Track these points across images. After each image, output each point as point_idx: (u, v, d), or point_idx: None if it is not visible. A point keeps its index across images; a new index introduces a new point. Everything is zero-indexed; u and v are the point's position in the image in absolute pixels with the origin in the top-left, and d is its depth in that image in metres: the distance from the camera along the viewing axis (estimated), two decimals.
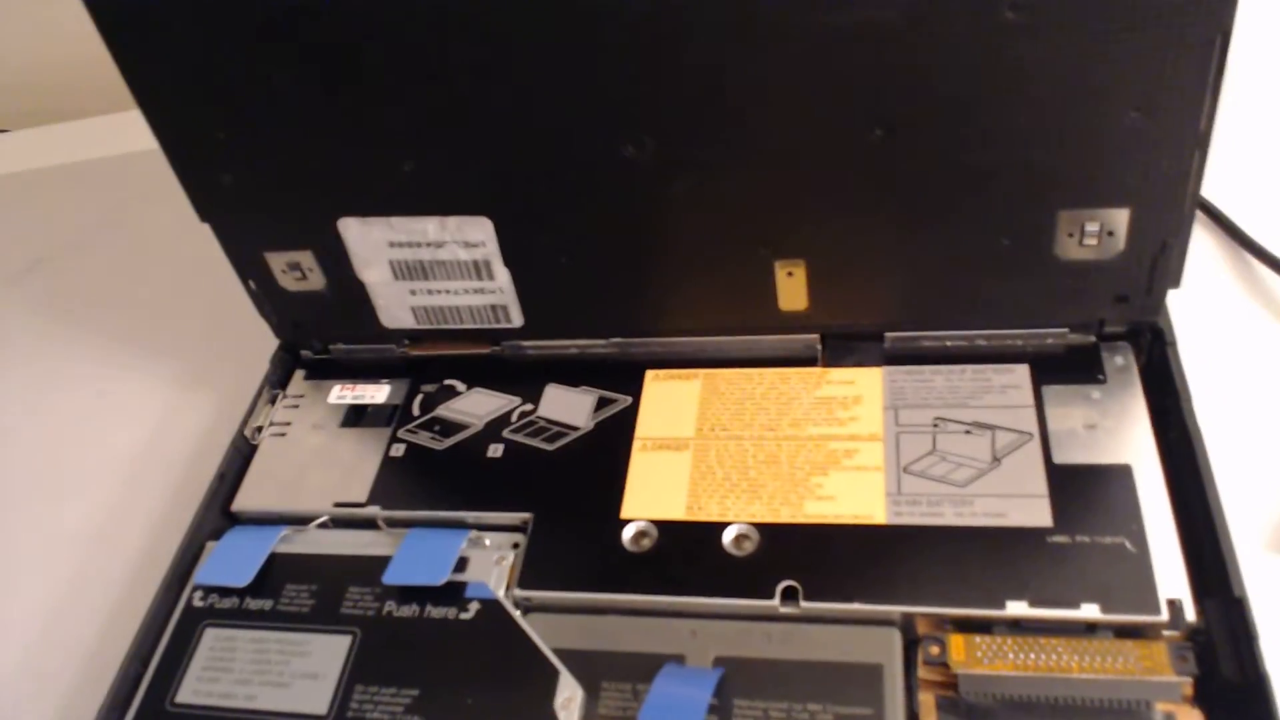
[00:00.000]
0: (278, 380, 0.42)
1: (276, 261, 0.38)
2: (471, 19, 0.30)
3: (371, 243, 0.37)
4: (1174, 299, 0.34)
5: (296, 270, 0.39)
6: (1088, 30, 0.28)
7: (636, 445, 0.36)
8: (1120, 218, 0.31)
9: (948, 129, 0.30)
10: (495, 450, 0.37)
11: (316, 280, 0.39)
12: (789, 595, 0.31)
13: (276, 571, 0.36)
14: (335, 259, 0.38)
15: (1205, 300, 0.40)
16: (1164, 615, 0.28)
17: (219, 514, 0.38)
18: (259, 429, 0.40)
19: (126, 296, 0.55)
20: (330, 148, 0.35)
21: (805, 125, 0.31)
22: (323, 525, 0.37)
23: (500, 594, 0.33)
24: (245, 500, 0.38)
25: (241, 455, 0.39)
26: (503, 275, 0.37)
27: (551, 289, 0.38)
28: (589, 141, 0.33)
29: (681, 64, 0.30)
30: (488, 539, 0.35)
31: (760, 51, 0.30)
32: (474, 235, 0.36)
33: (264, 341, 0.42)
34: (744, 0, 0.28)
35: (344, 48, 0.32)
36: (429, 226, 0.36)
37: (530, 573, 0.33)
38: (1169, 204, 0.31)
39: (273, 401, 0.41)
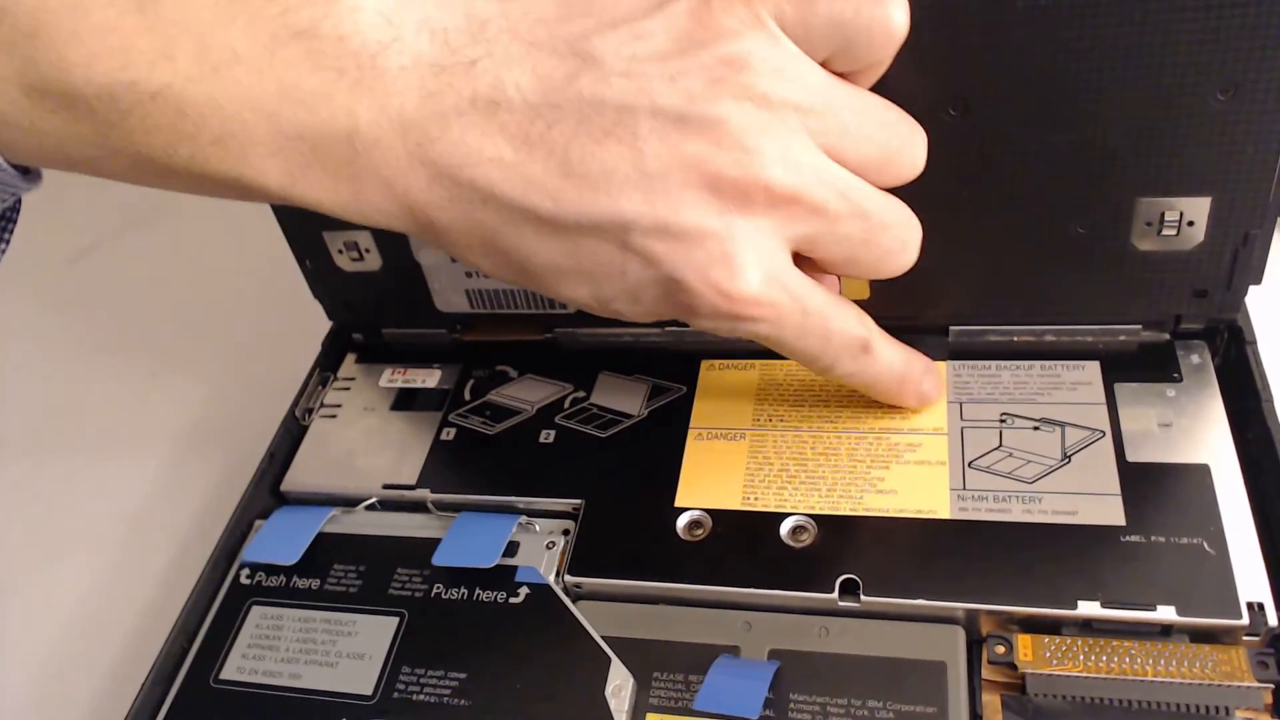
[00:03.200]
0: (329, 363, 0.42)
1: (334, 241, 0.38)
2: None
3: None
4: (1249, 297, 0.33)
5: (354, 250, 0.38)
6: (1174, 8, 0.27)
7: (691, 434, 0.35)
8: (1201, 207, 0.30)
9: (1024, 109, 0.29)
10: (547, 436, 0.37)
11: (373, 261, 0.39)
12: (848, 589, 0.30)
13: (324, 551, 0.35)
14: (392, 240, 0.38)
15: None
16: (1244, 619, 0.27)
17: (268, 494, 0.38)
18: (309, 410, 0.40)
19: (179, 280, 0.55)
20: None
21: None
22: (371, 507, 0.37)
23: (550, 579, 0.33)
24: (294, 480, 0.38)
25: (291, 436, 0.39)
26: None
27: None
28: None
29: None
30: (538, 524, 0.34)
31: None
32: None
33: (316, 325, 0.42)
34: None
35: None
36: None
37: (581, 559, 0.33)
38: (1253, 193, 0.30)
39: (324, 384, 0.41)
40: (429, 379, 0.40)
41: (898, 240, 0.28)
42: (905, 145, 0.28)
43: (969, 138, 0.30)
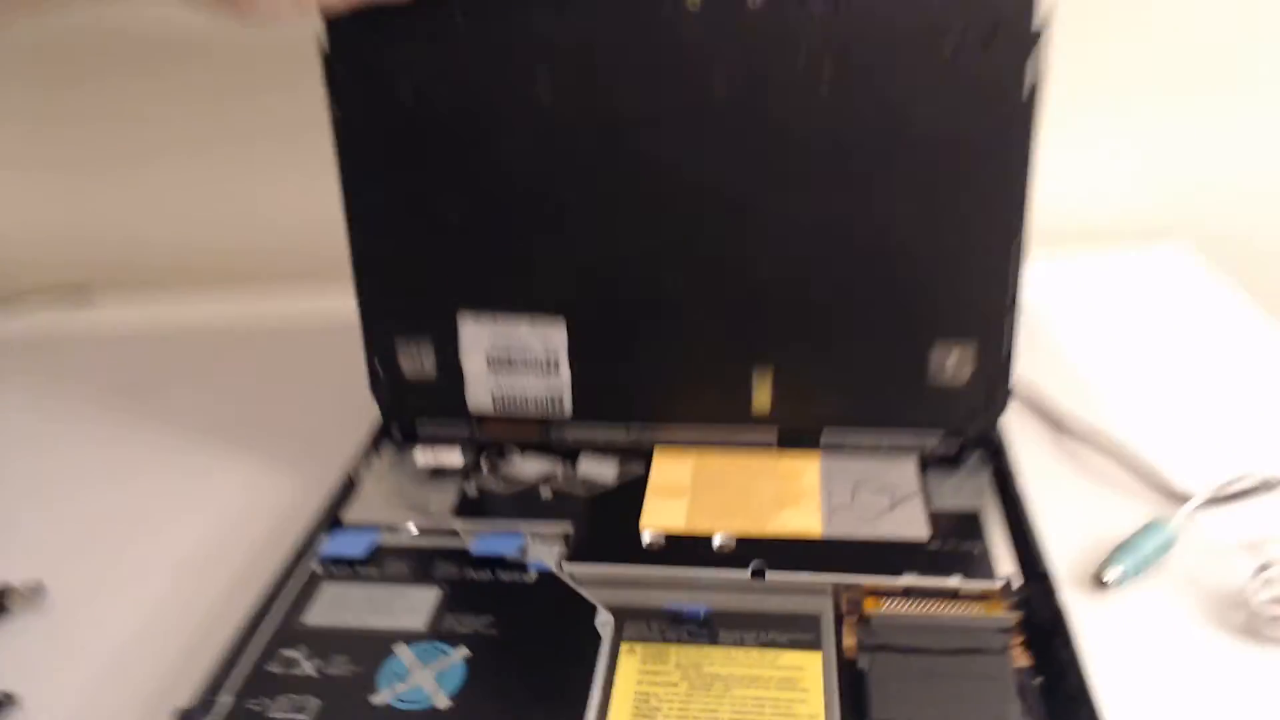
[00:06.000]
0: (373, 447, 0.56)
1: (404, 346, 0.54)
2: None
3: (478, 337, 0.54)
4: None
5: (416, 359, 0.55)
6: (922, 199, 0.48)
7: (650, 490, 0.51)
8: (968, 352, 0.50)
9: (841, 270, 0.50)
10: (545, 493, 0.52)
11: (429, 366, 0.55)
12: (757, 573, 0.46)
13: (380, 553, 0.49)
14: (448, 348, 0.54)
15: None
16: (999, 584, 0.44)
17: (329, 524, 0.51)
18: (359, 470, 0.54)
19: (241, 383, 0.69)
20: (465, 256, 0.52)
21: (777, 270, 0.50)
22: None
23: (553, 568, 0.47)
24: (351, 515, 0.51)
25: (349, 488, 0.53)
26: (565, 372, 0.54)
27: (595, 385, 0.54)
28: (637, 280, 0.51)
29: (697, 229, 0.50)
30: (543, 533, 0.49)
31: (747, 220, 0.49)
32: (553, 337, 0.53)
33: (351, 430, 0.57)
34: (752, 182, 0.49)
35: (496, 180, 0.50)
36: (522, 326, 0.53)
37: (575, 554, 0.47)
38: (999, 336, 0.50)
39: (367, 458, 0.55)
40: (453, 456, 0.55)
41: None
42: None
43: (817, 301, 0.50)
